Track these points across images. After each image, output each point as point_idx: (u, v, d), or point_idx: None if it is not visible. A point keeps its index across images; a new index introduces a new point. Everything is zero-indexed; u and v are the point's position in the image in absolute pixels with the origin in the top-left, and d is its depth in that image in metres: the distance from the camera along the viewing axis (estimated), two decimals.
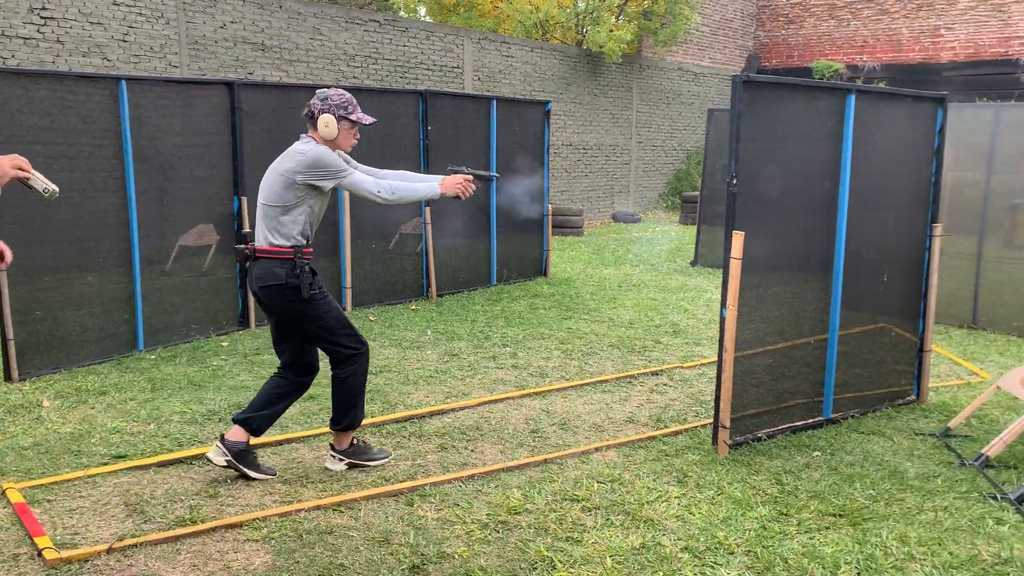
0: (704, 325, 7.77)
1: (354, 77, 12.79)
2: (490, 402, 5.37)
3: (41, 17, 9.56)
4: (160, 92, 6.53)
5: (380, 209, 7.82)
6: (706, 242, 11.37)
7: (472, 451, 4.56)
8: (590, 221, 17.15)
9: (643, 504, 3.86)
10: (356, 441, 4.29)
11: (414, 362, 6.31)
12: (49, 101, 5.79)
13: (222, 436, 4.07)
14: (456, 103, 9.05)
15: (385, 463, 4.32)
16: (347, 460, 4.24)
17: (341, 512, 3.76)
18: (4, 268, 3.96)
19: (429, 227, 8.71)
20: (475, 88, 14.76)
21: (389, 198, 4.03)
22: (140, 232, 6.40)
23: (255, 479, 4.06)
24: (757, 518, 3.74)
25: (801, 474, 4.25)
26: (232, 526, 3.59)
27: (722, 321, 4.43)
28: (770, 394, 4.80)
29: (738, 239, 4.34)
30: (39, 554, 3.30)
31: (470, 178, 4.16)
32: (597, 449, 4.56)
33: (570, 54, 16.70)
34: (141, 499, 3.85)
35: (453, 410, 5.20)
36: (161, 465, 4.25)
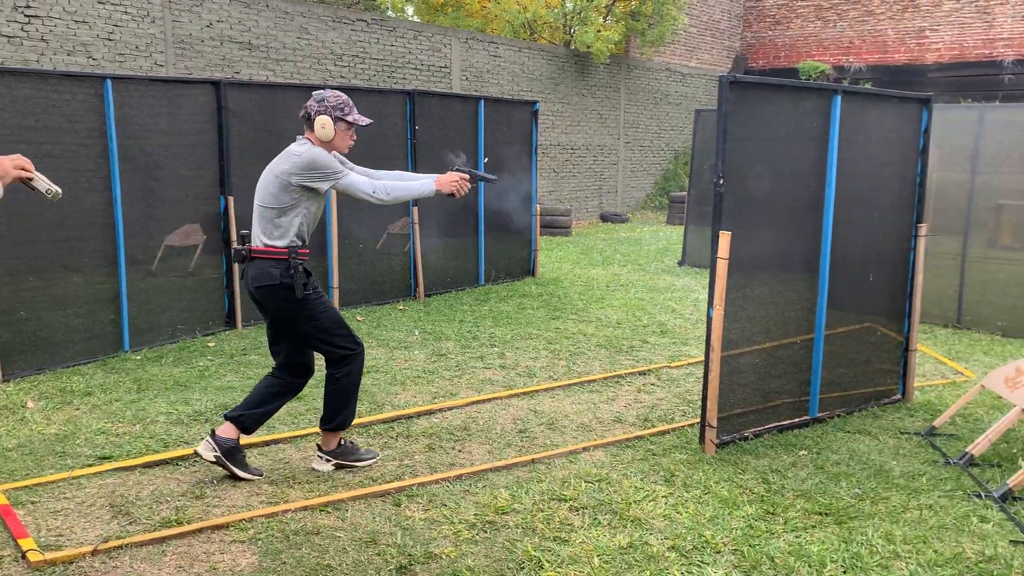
0: (691, 325, 7.80)
1: (341, 77, 12.76)
2: (478, 402, 5.37)
3: (25, 15, 9.49)
4: (146, 91, 6.50)
5: (367, 209, 7.81)
6: (693, 242, 11.40)
7: (460, 451, 4.56)
8: (578, 221, 17.18)
9: (630, 504, 3.87)
10: (343, 441, 4.28)
11: (402, 362, 6.30)
12: (33, 100, 5.75)
13: (213, 431, 4.06)
14: (444, 103, 9.05)
15: (372, 463, 4.31)
16: (334, 461, 4.23)
17: (328, 513, 3.75)
18: None
19: (417, 227, 8.70)
20: (463, 88, 14.75)
21: (385, 198, 4.04)
22: (126, 232, 6.37)
23: (242, 479, 4.05)
24: (744, 517, 3.75)
25: (787, 473, 4.27)
26: (218, 527, 3.57)
27: (709, 321, 4.44)
28: (757, 393, 4.82)
29: (725, 239, 4.36)
30: (23, 556, 3.28)
31: (466, 176, 4.17)
32: (585, 449, 4.57)
33: (558, 54, 16.72)
34: (126, 500, 3.83)
35: (441, 410, 5.20)
36: (147, 466, 4.23)
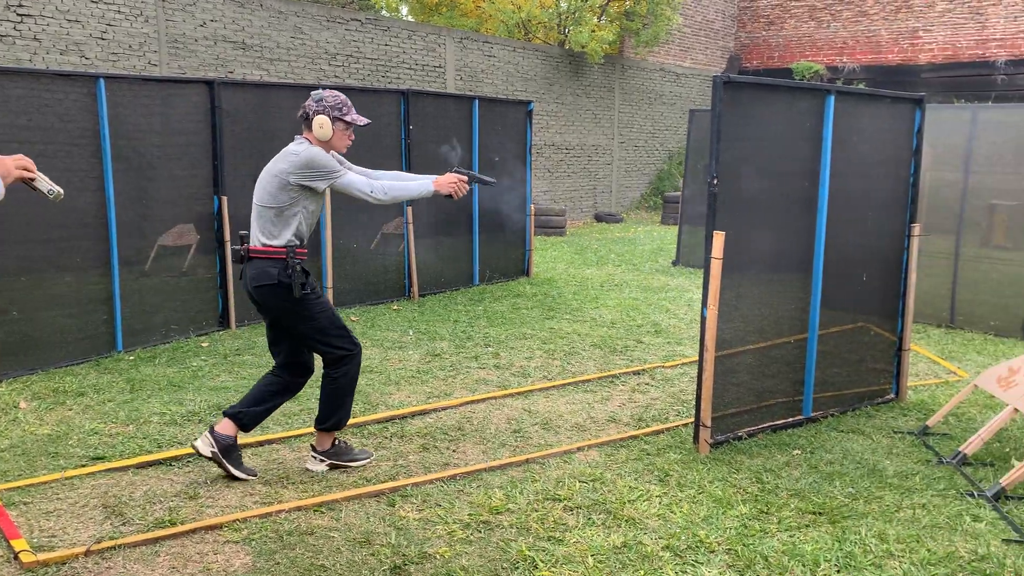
0: (685, 325, 7.80)
1: (335, 76, 12.75)
2: (472, 402, 5.37)
3: (18, 14, 9.46)
4: (139, 91, 6.48)
5: (361, 208, 7.80)
6: (687, 242, 11.41)
7: (454, 451, 4.55)
8: (572, 221, 17.18)
9: (624, 503, 3.87)
10: (337, 442, 4.28)
11: (396, 362, 6.30)
12: (26, 100, 5.73)
13: (212, 427, 4.06)
14: (438, 103, 9.04)
15: (366, 463, 4.30)
16: (328, 461, 4.22)
17: (322, 513, 3.75)
18: None
19: (411, 227, 8.70)
20: (457, 88, 14.74)
21: (382, 198, 4.04)
22: (119, 232, 6.35)
23: (236, 477, 4.04)
24: (738, 516, 3.76)
25: (781, 472, 4.27)
26: (212, 527, 3.57)
27: (703, 320, 4.45)
28: (751, 393, 4.83)
29: (719, 239, 4.37)
30: (15, 557, 3.26)
31: (464, 178, 4.18)
32: (579, 449, 4.57)
33: (552, 54, 16.72)
34: (119, 501, 3.81)
35: (435, 410, 5.20)
36: (140, 467, 4.22)
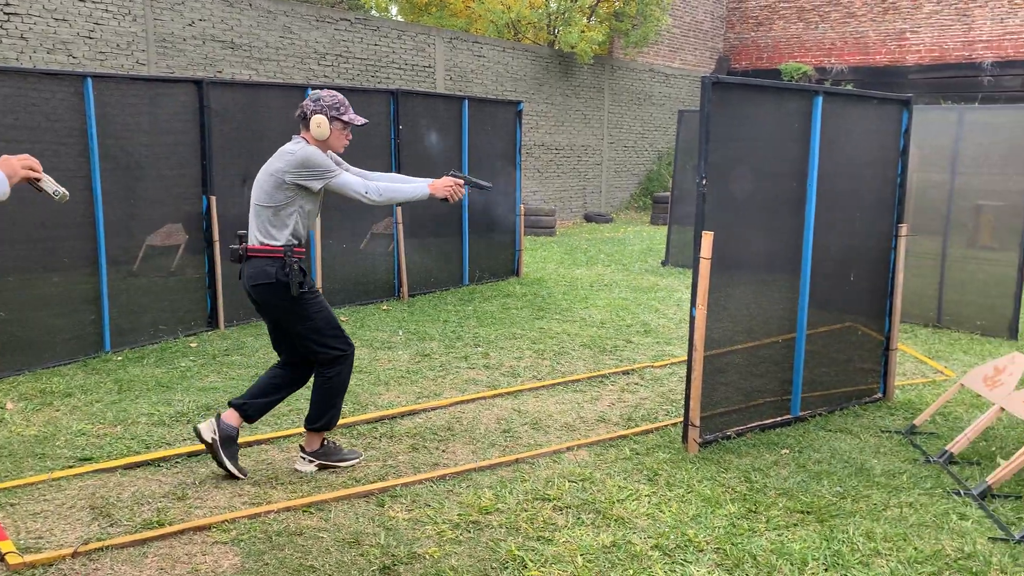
0: (675, 324, 7.82)
1: (325, 76, 12.72)
2: (462, 402, 5.37)
3: (4, 13, 9.40)
4: (127, 90, 6.45)
5: (351, 208, 7.79)
6: (677, 242, 11.43)
7: (444, 451, 4.55)
8: (562, 221, 17.20)
9: (614, 503, 3.88)
10: (326, 442, 4.27)
11: (385, 362, 6.29)
12: (12, 99, 5.69)
13: (219, 414, 4.10)
14: (428, 103, 9.04)
15: (355, 464, 4.30)
16: (317, 461, 4.22)
17: (311, 513, 3.74)
18: None
19: (400, 227, 8.69)
20: (447, 88, 14.74)
21: (377, 199, 4.05)
22: (107, 232, 6.32)
23: (227, 470, 4.05)
24: (726, 515, 3.77)
25: (769, 472, 4.29)
26: (200, 528, 3.55)
27: (692, 320, 4.46)
28: (739, 393, 4.84)
29: (707, 239, 4.38)
30: (2, 559, 3.24)
31: (460, 182, 4.19)
32: (568, 448, 4.58)
33: (542, 54, 16.73)
34: (107, 502, 3.80)
35: (425, 410, 5.19)
36: (128, 467, 4.20)
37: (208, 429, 4.03)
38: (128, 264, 6.61)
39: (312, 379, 4.22)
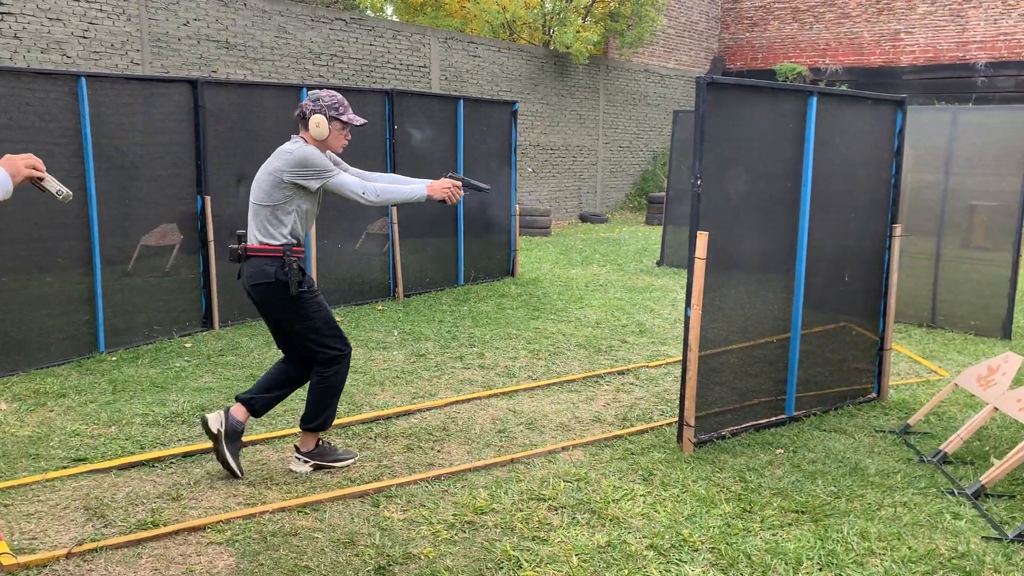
0: (670, 325, 7.83)
1: (320, 76, 12.71)
2: (457, 402, 5.37)
3: None
4: (121, 90, 6.44)
5: (346, 208, 7.78)
6: (672, 242, 11.45)
7: (439, 451, 4.55)
8: (557, 221, 17.20)
9: (609, 503, 3.89)
10: (321, 442, 4.27)
11: (380, 363, 6.28)
12: (6, 99, 5.68)
13: (227, 408, 4.12)
14: (423, 103, 9.03)
15: (350, 464, 4.30)
16: (312, 461, 4.22)
17: (306, 514, 3.74)
18: None
19: (396, 227, 8.68)
20: (442, 88, 14.73)
21: (374, 199, 4.07)
22: (101, 232, 6.31)
23: (228, 466, 4.06)
24: (721, 515, 3.78)
25: (764, 471, 4.30)
26: (195, 529, 3.55)
27: (687, 320, 4.47)
28: (734, 392, 4.85)
29: (702, 239, 4.39)
30: None
31: (459, 183, 4.19)
32: (563, 448, 4.58)
33: (537, 55, 16.74)
34: (101, 503, 3.79)
35: (420, 411, 5.19)
36: (122, 468, 4.19)
37: (216, 420, 4.05)
38: (123, 264, 6.60)
39: (309, 378, 4.23)
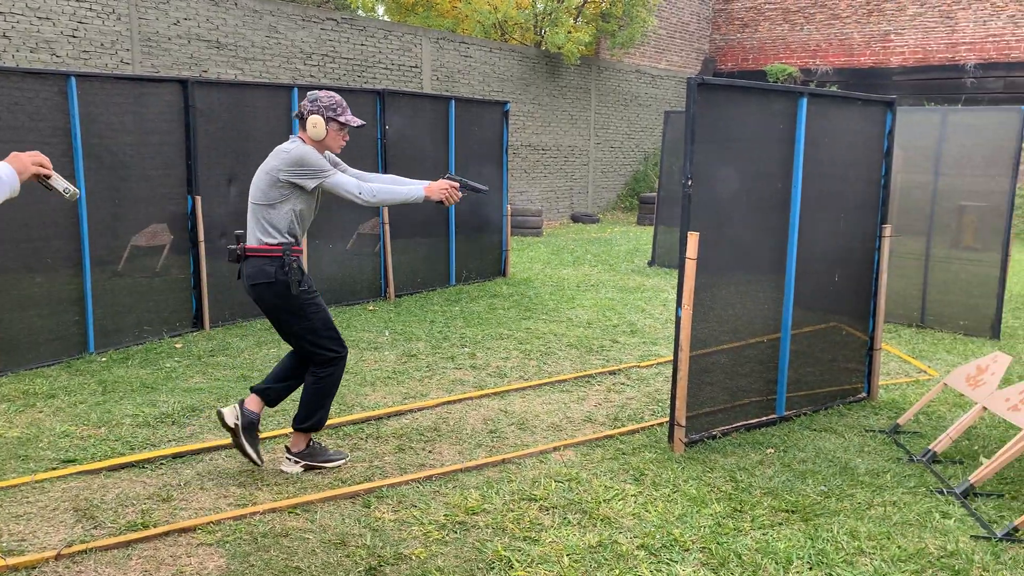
0: (661, 324, 7.85)
1: (311, 76, 12.68)
2: (448, 403, 5.37)
3: None
4: (111, 89, 6.41)
5: (337, 208, 7.77)
6: (663, 243, 11.47)
7: (430, 452, 4.55)
8: (549, 222, 17.21)
9: (600, 502, 3.89)
10: (312, 443, 4.27)
11: (372, 363, 6.28)
12: None
13: (241, 401, 4.15)
14: (414, 103, 9.02)
15: (341, 464, 4.29)
16: (303, 462, 4.21)
17: (297, 515, 3.73)
18: None
19: (387, 227, 8.67)
20: (434, 88, 14.72)
21: (371, 200, 4.08)
22: (91, 232, 6.28)
23: (248, 457, 4.11)
24: (712, 515, 3.79)
25: (755, 471, 4.31)
26: (185, 530, 3.54)
27: (678, 321, 4.48)
28: (725, 392, 4.86)
29: (693, 240, 4.40)
30: None
31: (456, 185, 4.19)
32: (555, 448, 4.59)
33: (529, 55, 16.74)
34: (91, 504, 3.77)
35: (411, 411, 5.19)
36: (112, 469, 4.18)
37: (231, 415, 4.09)
38: (113, 264, 6.57)
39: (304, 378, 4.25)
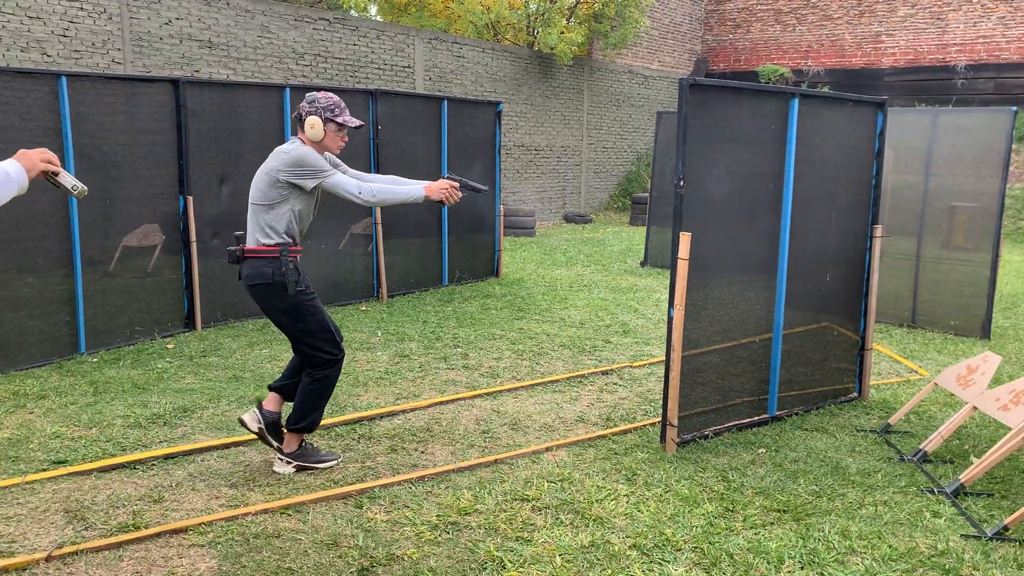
0: (653, 325, 7.86)
1: (303, 76, 12.66)
2: (441, 403, 5.37)
3: None
4: (103, 89, 6.39)
5: (330, 208, 7.75)
6: (655, 243, 11.49)
7: (422, 452, 4.55)
8: (542, 222, 17.22)
9: (592, 503, 3.90)
10: (304, 444, 4.26)
11: (364, 363, 6.27)
12: None
13: (259, 403, 4.21)
14: (407, 103, 9.02)
15: (333, 465, 4.29)
16: (295, 463, 4.20)
17: (289, 515, 3.73)
18: None
19: (379, 227, 8.66)
20: (426, 88, 14.72)
21: (370, 199, 4.09)
22: (82, 232, 6.26)
23: (279, 450, 4.20)
24: (704, 515, 3.80)
25: (746, 471, 4.32)
26: (177, 531, 3.53)
27: (670, 321, 4.48)
28: (717, 392, 4.88)
29: (685, 240, 4.41)
30: None
31: (456, 184, 4.20)
32: (547, 449, 4.59)
33: (521, 55, 16.75)
34: (82, 505, 3.76)
35: (403, 411, 5.18)
36: (103, 470, 4.16)
37: (253, 420, 4.17)
38: (104, 265, 6.55)
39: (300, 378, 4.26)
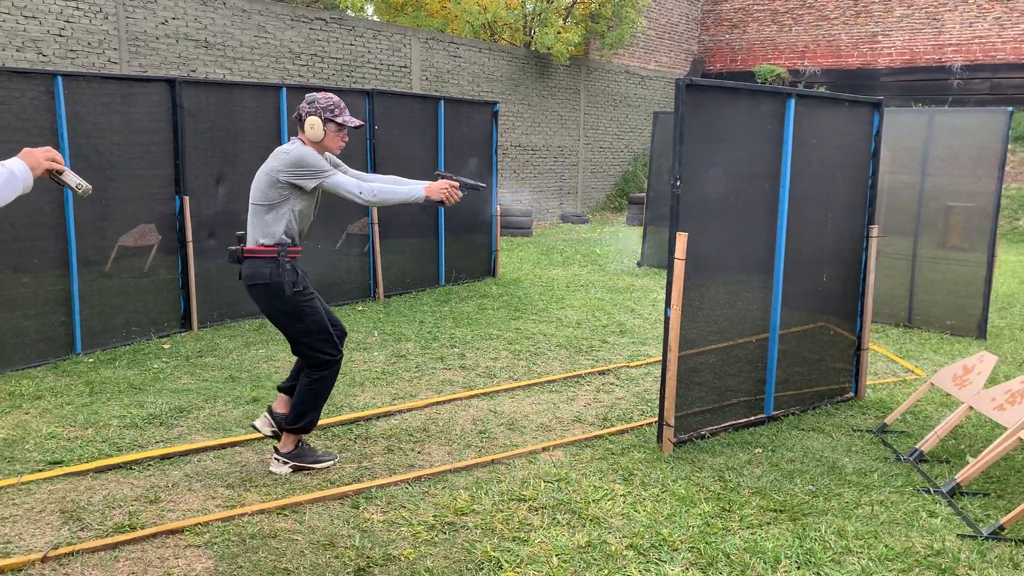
0: (650, 325, 7.86)
1: (300, 76, 12.65)
2: (438, 403, 5.36)
3: None
4: (98, 89, 6.38)
5: (327, 209, 7.74)
6: (652, 243, 11.49)
7: (419, 452, 4.54)
8: (538, 222, 17.22)
9: (589, 503, 3.90)
10: (301, 444, 4.26)
11: (360, 363, 6.26)
12: None
13: (270, 407, 4.25)
14: (403, 103, 9.01)
15: (330, 465, 4.28)
16: (292, 463, 4.20)
17: (285, 516, 3.72)
18: None
19: (376, 227, 8.66)
20: (423, 88, 14.71)
21: (371, 199, 4.09)
22: (77, 232, 6.24)
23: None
24: (700, 515, 3.80)
25: (743, 471, 4.33)
26: (173, 532, 3.52)
27: (667, 321, 4.49)
28: (713, 392, 4.88)
29: (682, 240, 4.41)
30: None
31: (456, 184, 4.20)
32: (544, 449, 4.59)
33: (518, 55, 16.75)
34: (78, 506, 3.75)
35: (400, 412, 5.18)
36: (99, 471, 4.15)
37: (266, 424, 4.23)
38: (100, 265, 6.54)
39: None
